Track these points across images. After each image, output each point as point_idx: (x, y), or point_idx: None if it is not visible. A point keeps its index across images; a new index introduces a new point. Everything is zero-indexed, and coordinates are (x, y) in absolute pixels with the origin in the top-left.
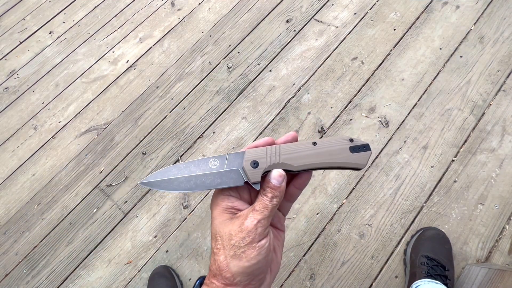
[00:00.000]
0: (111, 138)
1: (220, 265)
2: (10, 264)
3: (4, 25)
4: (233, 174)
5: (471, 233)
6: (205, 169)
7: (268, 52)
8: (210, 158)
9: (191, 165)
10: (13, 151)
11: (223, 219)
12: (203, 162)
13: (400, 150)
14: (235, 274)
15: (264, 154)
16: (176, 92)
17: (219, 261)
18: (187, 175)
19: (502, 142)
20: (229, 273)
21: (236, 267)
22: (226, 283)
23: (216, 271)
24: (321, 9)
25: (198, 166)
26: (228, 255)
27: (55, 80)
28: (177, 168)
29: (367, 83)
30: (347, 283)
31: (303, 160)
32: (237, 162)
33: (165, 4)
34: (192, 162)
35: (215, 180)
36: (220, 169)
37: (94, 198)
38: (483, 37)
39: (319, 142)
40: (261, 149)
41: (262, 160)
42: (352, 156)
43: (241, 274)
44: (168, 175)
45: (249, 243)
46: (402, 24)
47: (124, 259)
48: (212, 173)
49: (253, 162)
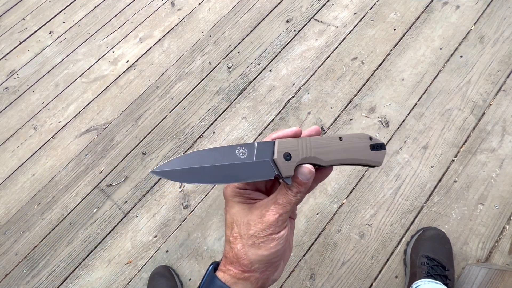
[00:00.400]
0: (111, 138)
1: (238, 253)
2: (10, 264)
3: (4, 25)
4: (264, 166)
5: (471, 233)
6: (233, 159)
7: (268, 52)
8: (236, 147)
9: (215, 153)
10: (13, 151)
11: (241, 208)
12: (229, 150)
13: (400, 150)
14: (253, 262)
15: (296, 146)
16: (176, 92)
17: (236, 249)
18: (213, 164)
19: (502, 142)
20: (247, 261)
21: (254, 256)
22: (243, 270)
23: (233, 258)
24: (321, 9)
25: (224, 155)
26: (246, 244)
27: (55, 80)
28: (199, 155)
29: (367, 83)
30: (347, 283)
31: (332, 155)
32: (268, 152)
33: (165, 4)
34: (216, 150)
35: (244, 173)
36: (249, 159)
37: (94, 198)
38: (483, 37)
39: (344, 138)
40: (292, 141)
41: (294, 152)
42: (372, 154)
43: (259, 262)
44: (189, 163)
45: (269, 235)
46: (402, 24)
47: (124, 259)
48: (242, 164)
49: (286, 154)
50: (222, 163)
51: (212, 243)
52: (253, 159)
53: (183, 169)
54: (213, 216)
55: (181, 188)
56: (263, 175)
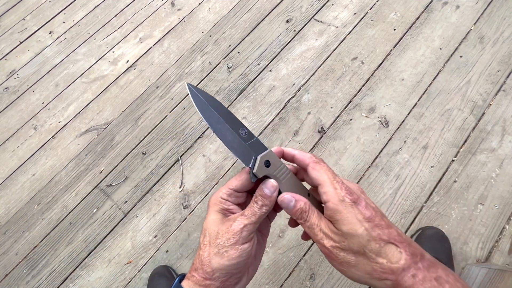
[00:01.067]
0: (111, 138)
1: (203, 260)
2: (10, 264)
3: (4, 25)
4: (247, 154)
5: (471, 233)
6: (234, 129)
7: (268, 52)
8: (242, 126)
9: (229, 116)
10: (13, 151)
11: (216, 218)
12: (237, 123)
13: (400, 150)
14: (214, 270)
15: (279, 165)
16: (176, 92)
17: (202, 256)
18: (221, 118)
19: (502, 142)
20: (209, 268)
21: (216, 264)
22: (205, 277)
23: (198, 265)
24: (321, 9)
25: (232, 122)
26: (212, 252)
27: (55, 80)
28: (221, 107)
29: (367, 83)
30: (347, 283)
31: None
32: (258, 149)
33: (165, 4)
34: (230, 113)
35: (233, 144)
36: (243, 141)
37: (94, 198)
38: (483, 37)
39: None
40: (280, 161)
41: (273, 167)
42: None
43: (220, 271)
44: (211, 103)
45: (232, 244)
46: (402, 24)
47: (124, 259)
48: (236, 137)
49: (267, 162)
50: (227, 124)
51: None
52: (246, 143)
53: (205, 102)
54: None
55: (181, 188)
56: (241, 157)
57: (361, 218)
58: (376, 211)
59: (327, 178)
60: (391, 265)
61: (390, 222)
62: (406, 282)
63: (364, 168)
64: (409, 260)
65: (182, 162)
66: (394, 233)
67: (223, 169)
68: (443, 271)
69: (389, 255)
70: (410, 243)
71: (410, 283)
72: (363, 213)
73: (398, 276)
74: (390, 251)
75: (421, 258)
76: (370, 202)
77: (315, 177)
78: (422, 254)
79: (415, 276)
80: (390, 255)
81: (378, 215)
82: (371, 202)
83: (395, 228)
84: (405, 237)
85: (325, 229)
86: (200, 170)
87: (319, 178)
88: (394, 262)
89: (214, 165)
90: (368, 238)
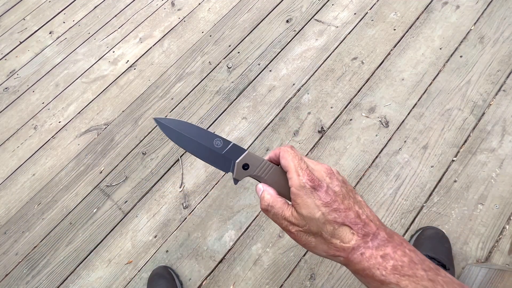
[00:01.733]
0: (111, 138)
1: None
2: (10, 264)
3: (4, 25)
4: (226, 162)
5: (471, 233)
6: (207, 143)
7: (268, 52)
8: (216, 137)
9: (200, 133)
10: (13, 151)
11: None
12: (209, 136)
13: (400, 150)
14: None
15: (259, 163)
16: (176, 92)
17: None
18: (193, 138)
19: (502, 142)
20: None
21: None
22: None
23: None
24: (321, 9)
25: (204, 138)
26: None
27: (55, 80)
28: (190, 128)
29: (367, 83)
30: (347, 283)
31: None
32: (236, 155)
33: (165, 4)
34: (201, 130)
35: (210, 157)
36: (219, 151)
37: (94, 198)
38: (483, 37)
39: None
40: (259, 158)
41: (253, 167)
42: None
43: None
44: (180, 128)
45: None
46: (402, 24)
47: (124, 259)
48: (211, 150)
49: (245, 164)
50: (199, 141)
51: (212, 243)
52: (222, 152)
53: (173, 128)
54: (213, 216)
55: (181, 188)
56: (220, 167)
57: (319, 203)
58: (337, 195)
59: (293, 165)
60: (343, 245)
61: (357, 202)
62: (355, 259)
63: (364, 168)
64: (359, 241)
65: (182, 162)
66: (352, 215)
67: None
68: (392, 249)
69: (342, 236)
70: (366, 224)
71: (358, 260)
72: (322, 198)
73: (348, 254)
74: (343, 232)
75: (372, 238)
76: (336, 185)
77: (283, 164)
78: (375, 234)
79: (363, 254)
80: (343, 236)
81: (338, 199)
82: (339, 184)
83: (355, 210)
84: (363, 218)
85: (290, 217)
86: (200, 170)
87: (286, 165)
88: (346, 242)
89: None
90: (324, 221)
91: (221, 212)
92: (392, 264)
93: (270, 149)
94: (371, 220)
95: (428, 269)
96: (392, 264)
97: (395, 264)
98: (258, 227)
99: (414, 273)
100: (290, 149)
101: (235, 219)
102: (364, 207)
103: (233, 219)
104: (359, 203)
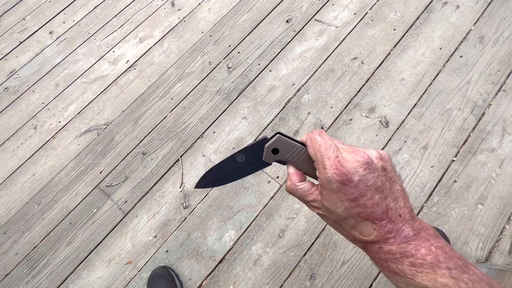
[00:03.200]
0: (111, 138)
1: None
2: (10, 264)
3: (4, 25)
4: (258, 159)
5: (471, 233)
6: (233, 165)
7: (268, 52)
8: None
9: (223, 166)
10: (13, 151)
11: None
12: (230, 160)
13: (400, 150)
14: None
15: (290, 148)
16: (176, 92)
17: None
18: (225, 176)
19: (502, 142)
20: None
21: None
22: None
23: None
24: (321, 9)
25: (228, 164)
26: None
27: (55, 80)
28: (214, 171)
29: (367, 83)
30: (347, 283)
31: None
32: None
33: (165, 4)
34: (223, 163)
35: (245, 171)
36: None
37: (94, 198)
38: (483, 37)
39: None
40: (290, 144)
41: (284, 151)
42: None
43: None
44: (213, 176)
45: None
46: (402, 24)
47: (124, 259)
48: (241, 165)
49: (275, 149)
50: (231, 175)
51: (212, 243)
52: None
53: (211, 181)
54: (213, 216)
55: (181, 188)
56: (257, 167)
57: (343, 198)
58: (369, 188)
59: (319, 156)
60: (361, 237)
61: (392, 194)
62: (373, 249)
63: None
64: (379, 236)
65: (182, 162)
66: (378, 211)
67: None
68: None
69: (362, 230)
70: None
71: (375, 251)
72: (349, 193)
73: (366, 244)
74: (365, 226)
75: (395, 235)
76: (372, 177)
77: (310, 154)
78: (398, 231)
79: (381, 248)
80: (364, 230)
81: (368, 193)
82: (375, 176)
83: (384, 205)
84: (391, 214)
85: (312, 202)
86: (200, 170)
87: (312, 155)
88: (365, 236)
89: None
90: (346, 216)
91: (221, 212)
92: (410, 261)
93: None
94: (400, 215)
95: (455, 267)
96: (410, 261)
97: (414, 261)
98: (258, 227)
99: (434, 271)
100: (318, 137)
101: (235, 219)
102: (398, 199)
103: (233, 219)
104: (393, 195)
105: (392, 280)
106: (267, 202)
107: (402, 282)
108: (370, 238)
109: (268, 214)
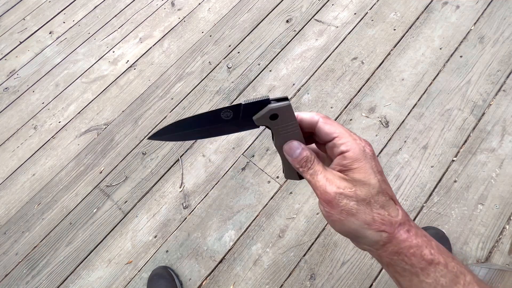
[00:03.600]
0: (111, 138)
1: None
2: (10, 264)
3: (4, 25)
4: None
5: (471, 233)
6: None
7: (268, 52)
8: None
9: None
10: (13, 151)
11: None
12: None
13: (400, 150)
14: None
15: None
16: (176, 92)
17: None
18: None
19: (502, 142)
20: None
21: None
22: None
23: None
24: (321, 9)
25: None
26: None
27: (55, 80)
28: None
29: (367, 83)
30: (347, 283)
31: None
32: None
33: (165, 4)
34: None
35: (233, 127)
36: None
37: (94, 198)
38: (483, 37)
39: None
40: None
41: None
42: None
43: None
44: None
45: None
46: (402, 24)
47: (124, 259)
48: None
49: (275, 115)
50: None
51: (212, 243)
52: (238, 118)
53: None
54: (213, 216)
55: (181, 188)
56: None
57: (376, 170)
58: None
59: (344, 130)
60: (391, 218)
61: None
62: (402, 235)
63: None
64: (404, 217)
65: (182, 162)
66: (393, 192)
67: (223, 169)
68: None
69: (390, 209)
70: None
71: (404, 237)
72: (377, 166)
73: (394, 229)
74: (391, 206)
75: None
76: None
77: (329, 131)
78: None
79: (409, 231)
80: (391, 209)
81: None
82: None
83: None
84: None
85: (329, 175)
86: (200, 170)
87: (334, 130)
88: (394, 216)
89: (214, 165)
90: (378, 190)
91: (221, 212)
92: (435, 244)
93: (270, 149)
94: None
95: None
96: (435, 244)
97: (438, 245)
98: (258, 227)
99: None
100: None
101: (235, 219)
102: None
103: (233, 219)
104: None
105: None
106: (267, 202)
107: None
108: (398, 219)
109: (268, 214)
